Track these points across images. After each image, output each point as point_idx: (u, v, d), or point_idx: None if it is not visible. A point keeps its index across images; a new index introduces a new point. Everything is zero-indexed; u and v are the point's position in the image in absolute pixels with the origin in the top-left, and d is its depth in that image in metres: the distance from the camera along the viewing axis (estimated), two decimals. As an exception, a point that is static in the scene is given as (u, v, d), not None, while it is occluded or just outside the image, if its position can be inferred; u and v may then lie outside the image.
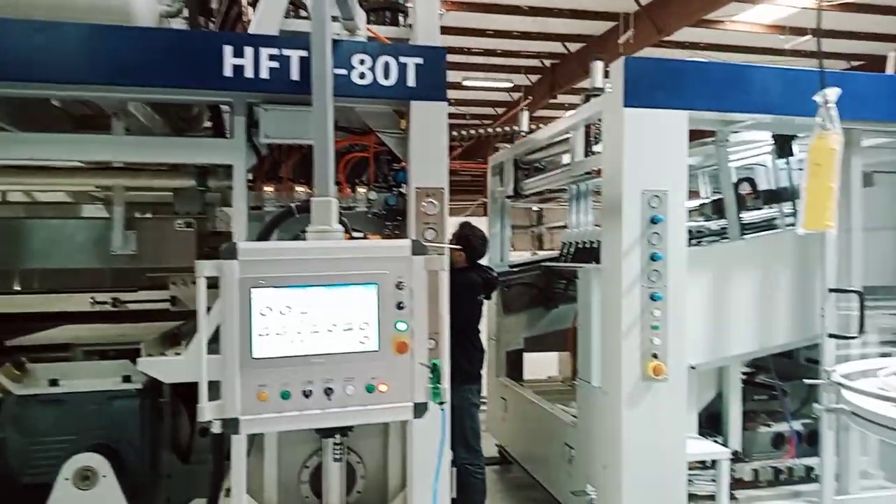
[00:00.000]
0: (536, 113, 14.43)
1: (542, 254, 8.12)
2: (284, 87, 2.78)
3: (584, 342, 3.80)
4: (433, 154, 2.96)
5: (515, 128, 5.34)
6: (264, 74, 2.76)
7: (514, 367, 5.33)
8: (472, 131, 10.80)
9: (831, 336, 3.56)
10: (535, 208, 13.84)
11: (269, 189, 3.05)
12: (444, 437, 2.54)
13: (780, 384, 4.05)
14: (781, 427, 3.99)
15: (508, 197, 5.45)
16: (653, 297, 3.29)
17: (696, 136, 4.51)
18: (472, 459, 4.14)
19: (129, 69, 2.62)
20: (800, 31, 11.10)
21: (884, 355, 3.76)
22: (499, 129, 8.53)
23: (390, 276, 2.17)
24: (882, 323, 4.26)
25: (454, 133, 15.92)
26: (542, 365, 5.91)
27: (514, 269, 5.40)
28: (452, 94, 15.49)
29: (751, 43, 11.70)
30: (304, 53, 2.71)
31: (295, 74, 2.77)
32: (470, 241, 4.49)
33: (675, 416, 3.32)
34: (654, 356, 3.28)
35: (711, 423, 3.97)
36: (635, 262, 3.29)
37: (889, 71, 5.39)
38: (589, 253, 4.62)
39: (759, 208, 4.30)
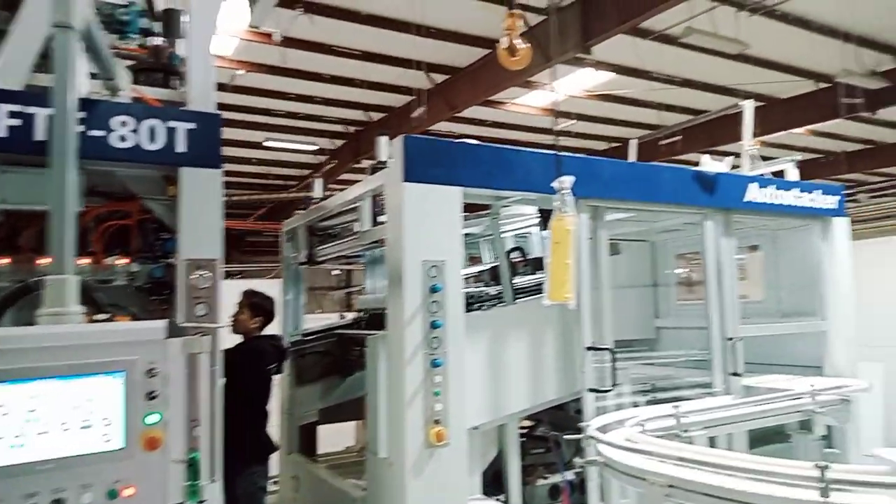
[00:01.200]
0: (343, 176, 14.60)
1: (348, 316, 8.06)
2: (26, 147, 2.49)
3: (371, 412, 3.78)
4: (206, 223, 2.81)
5: (309, 194, 5.31)
6: (3, 133, 2.45)
7: (307, 441, 5.11)
8: (274, 195, 10.56)
9: (590, 390, 3.96)
10: (335, 272, 13.81)
11: (4, 261, 2.66)
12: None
13: (556, 435, 4.38)
14: (556, 478, 4.29)
15: (302, 264, 5.37)
16: (434, 364, 3.40)
17: (479, 207, 4.89)
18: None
19: None
20: (566, 115, 12.74)
21: (635, 404, 4.28)
22: (297, 194, 8.42)
23: (140, 363, 1.97)
24: (634, 373, 4.85)
25: (255, 196, 15.53)
26: (340, 435, 5.76)
27: (309, 338, 5.26)
28: (254, 153, 15.19)
29: (529, 123, 13.11)
30: (52, 111, 2.45)
31: (39, 134, 2.49)
32: (264, 307, 4.33)
33: (457, 480, 3.41)
34: (437, 422, 3.36)
35: (496, 480, 4.15)
36: (417, 329, 3.39)
37: (630, 157, 6.38)
38: (383, 319, 4.67)
39: (530, 274, 4.71)
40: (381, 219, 4.18)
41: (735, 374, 4.58)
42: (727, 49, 8.53)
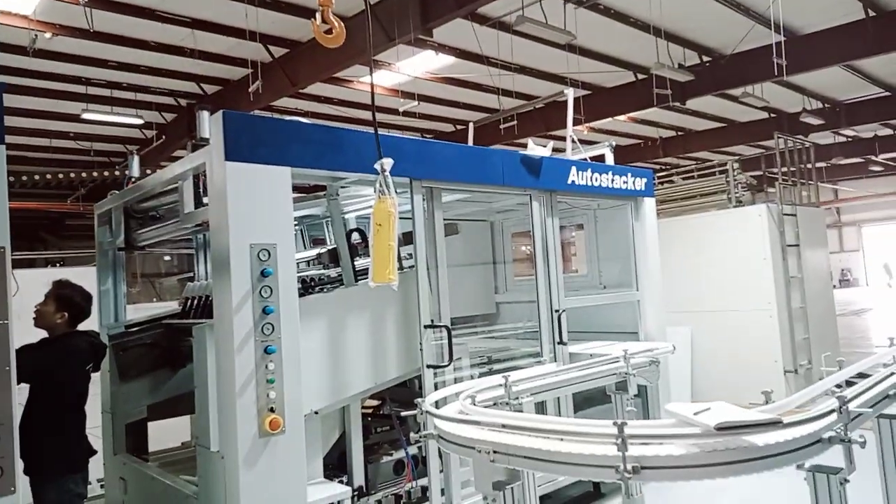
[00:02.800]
0: (176, 153, 13.55)
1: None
2: None
3: (200, 404, 3.58)
4: (-14, 206, 2.47)
5: (127, 172, 4.85)
6: None
7: (136, 440, 4.74)
8: (96, 173, 9.55)
9: (429, 367, 4.06)
10: (166, 258, 12.87)
11: None
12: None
13: (398, 411, 4.45)
14: (400, 454, 4.37)
15: (120, 249, 4.92)
16: (267, 351, 3.28)
17: (320, 188, 4.78)
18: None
19: None
20: (410, 96, 12.85)
21: (472, 377, 4.47)
22: (116, 173, 7.68)
23: None
24: (473, 347, 5.06)
25: (72, 174, 13.93)
26: (174, 431, 5.40)
27: (132, 330, 4.85)
28: (72, 127, 13.60)
29: (377, 103, 13.05)
30: None
31: None
32: (73, 301, 3.90)
33: (294, 467, 3.34)
34: (271, 410, 3.26)
35: (342, 462, 4.14)
36: (247, 316, 3.25)
37: (469, 140, 6.58)
38: (212, 307, 4.43)
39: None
40: (206, 200, 3.95)
41: (561, 343, 4.94)
42: (556, 39, 9.05)
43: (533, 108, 12.79)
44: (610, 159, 5.95)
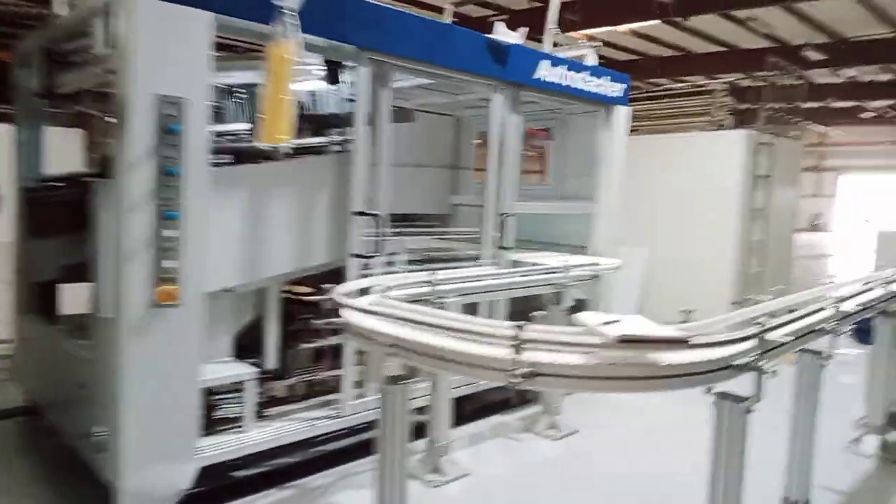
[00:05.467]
0: None
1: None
2: None
3: (98, 267, 3.32)
4: None
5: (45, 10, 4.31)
6: None
7: (45, 301, 4.50)
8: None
9: (354, 255, 3.83)
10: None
11: None
12: None
13: (322, 299, 4.26)
14: (320, 343, 4.23)
15: (39, 95, 4.46)
16: (165, 216, 3.00)
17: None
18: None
19: None
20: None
21: (409, 272, 4.24)
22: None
23: None
24: (413, 246, 4.83)
25: None
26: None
27: (47, 184, 4.50)
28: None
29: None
30: None
31: None
32: None
33: (188, 342, 3.15)
34: (167, 280, 3.02)
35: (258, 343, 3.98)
36: (144, 175, 2.93)
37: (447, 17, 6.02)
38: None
39: (313, 133, 4.32)
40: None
41: (504, 248, 4.73)
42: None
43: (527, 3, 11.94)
44: (593, 61, 5.52)
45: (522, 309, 4.99)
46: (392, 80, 4.02)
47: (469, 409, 4.70)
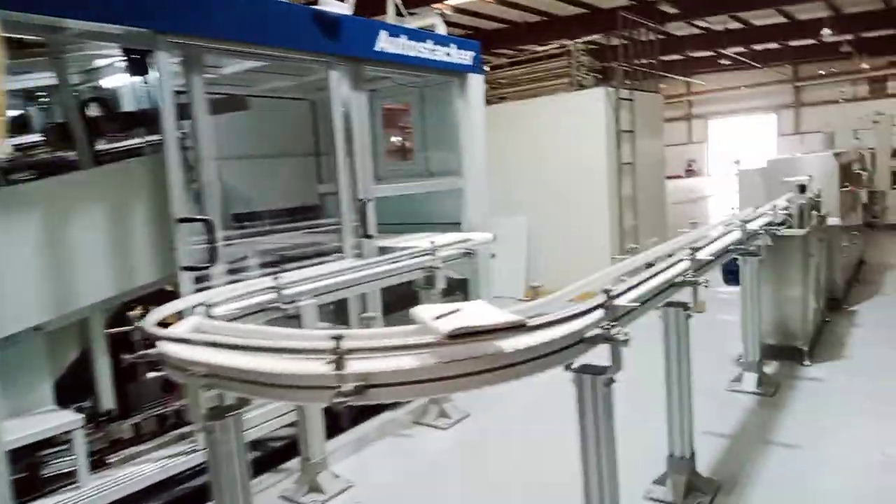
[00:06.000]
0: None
1: None
2: None
3: None
4: None
5: None
6: None
7: None
8: None
9: (184, 269, 3.37)
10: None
11: None
12: None
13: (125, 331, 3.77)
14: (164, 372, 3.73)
15: None
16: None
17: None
18: None
19: None
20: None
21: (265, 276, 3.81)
22: None
23: None
24: (279, 243, 4.40)
25: None
26: None
27: None
28: None
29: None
30: None
31: None
32: None
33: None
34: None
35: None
36: None
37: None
38: None
39: (119, 133, 3.78)
40: None
41: (367, 237, 4.41)
42: None
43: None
44: (442, 31, 5.24)
45: (402, 296, 4.71)
46: (202, 65, 3.54)
47: (351, 411, 4.38)
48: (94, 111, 3.58)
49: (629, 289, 2.37)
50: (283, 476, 3.69)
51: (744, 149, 27.28)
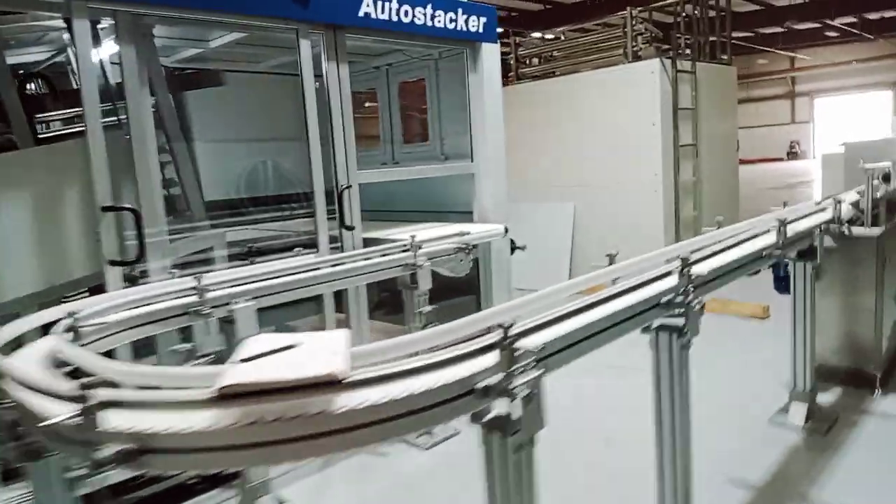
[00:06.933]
0: None
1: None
2: None
3: None
4: None
5: None
6: None
7: None
8: None
9: (112, 263, 3.02)
10: None
11: None
12: None
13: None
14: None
15: None
16: None
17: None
18: None
19: None
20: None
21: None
22: None
23: None
24: (235, 237, 4.05)
25: None
26: None
27: None
28: None
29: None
30: None
31: None
32: None
33: None
34: None
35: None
36: None
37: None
38: None
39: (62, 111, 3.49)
40: None
41: (348, 228, 3.94)
42: None
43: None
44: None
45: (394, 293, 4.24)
46: (141, 34, 3.16)
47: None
48: (35, 88, 3.29)
49: (535, 327, 1.75)
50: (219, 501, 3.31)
51: (855, 130, 24.56)
